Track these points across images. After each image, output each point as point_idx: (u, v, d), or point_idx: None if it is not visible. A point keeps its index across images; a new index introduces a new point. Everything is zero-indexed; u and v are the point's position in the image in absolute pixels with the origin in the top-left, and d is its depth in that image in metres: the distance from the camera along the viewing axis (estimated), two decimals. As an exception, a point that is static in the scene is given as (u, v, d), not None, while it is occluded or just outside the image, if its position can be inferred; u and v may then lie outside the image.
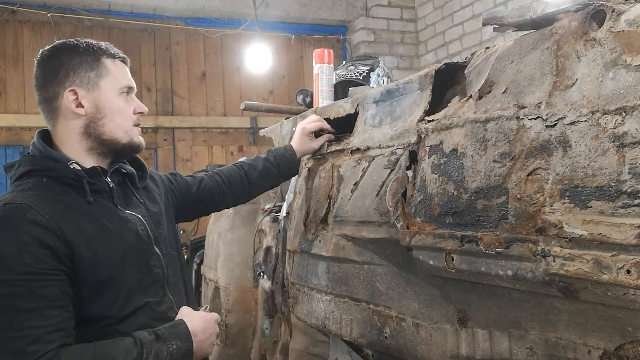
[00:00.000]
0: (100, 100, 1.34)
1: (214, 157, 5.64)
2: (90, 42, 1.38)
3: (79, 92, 1.33)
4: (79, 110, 1.33)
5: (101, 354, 1.20)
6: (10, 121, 4.97)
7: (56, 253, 1.19)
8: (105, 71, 1.35)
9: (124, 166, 1.44)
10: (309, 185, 1.97)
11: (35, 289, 1.16)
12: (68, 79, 1.33)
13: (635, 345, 1.01)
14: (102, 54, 1.37)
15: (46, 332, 1.15)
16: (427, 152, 1.39)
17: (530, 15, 1.20)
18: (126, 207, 1.38)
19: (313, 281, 1.93)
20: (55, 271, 1.19)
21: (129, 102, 1.40)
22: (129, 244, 1.33)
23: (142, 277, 1.34)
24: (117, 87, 1.37)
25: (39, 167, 1.30)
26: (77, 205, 1.28)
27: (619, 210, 0.95)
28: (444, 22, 5.55)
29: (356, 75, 2.40)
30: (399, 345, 1.55)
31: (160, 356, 1.24)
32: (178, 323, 1.34)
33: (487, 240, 1.18)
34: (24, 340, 1.13)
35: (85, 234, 1.25)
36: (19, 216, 1.19)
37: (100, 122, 1.34)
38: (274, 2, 5.58)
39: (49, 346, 1.14)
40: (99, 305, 1.26)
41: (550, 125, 1.08)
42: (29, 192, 1.24)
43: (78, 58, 1.35)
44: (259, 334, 2.81)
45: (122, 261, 1.30)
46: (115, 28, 5.26)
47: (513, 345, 1.23)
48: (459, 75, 1.49)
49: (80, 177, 1.29)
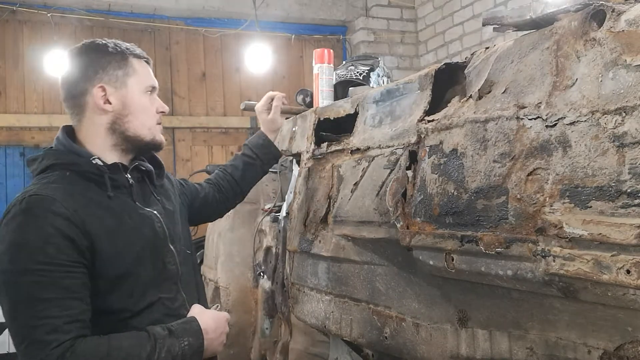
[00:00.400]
0: (127, 98, 1.39)
1: (214, 157, 5.63)
2: (118, 42, 1.43)
3: (107, 89, 1.37)
4: (106, 106, 1.37)
5: (116, 346, 1.22)
6: (10, 121, 4.96)
7: (78, 245, 1.23)
8: (132, 70, 1.40)
9: (143, 164, 1.47)
10: (309, 185, 1.97)
11: (57, 279, 1.19)
12: (97, 76, 1.37)
13: (635, 345, 1.01)
14: (130, 53, 1.41)
15: (64, 322, 1.18)
16: (427, 152, 1.39)
17: (530, 15, 1.20)
18: (144, 203, 1.41)
19: (313, 281, 1.93)
20: (76, 263, 1.22)
21: (152, 101, 1.44)
22: (147, 239, 1.36)
23: (157, 273, 1.37)
24: (143, 86, 1.41)
25: (63, 161, 1.33)
26: (98, 199, 1.31)
27: (619, 210, 0.95)
28: (444, 22, 5.55)
29: (356, 75, 2.40)
30: (399, 345, 1.55)
31: (172, 351, 1.27)
32: (190, 320, 1.36)
33: (487, 240, 1.18)
34: (43, 329, 1.16)
35: (105, 227, 1.28)
36: (43, 208, 1.22)
37: (125, 119, 1.38)
38: (274, 2, 5.57)
39: (66, 336, 1.17)
40: (116, 299, 1.29)
41: (550, 125, 1.08)
42: (53, 185, 1.28)
43: (107, 57, 1.39)
44: (259, 334, 2.81)
45: (140, 256, 1.33)
46: (115, 28, 5.26)
47: (513, 345, 1.23)
48: (459, 75, 1.49)
49: (102, 172, 1.33)
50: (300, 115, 2.21)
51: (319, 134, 2.03)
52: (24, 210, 1.23)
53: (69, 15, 5.11)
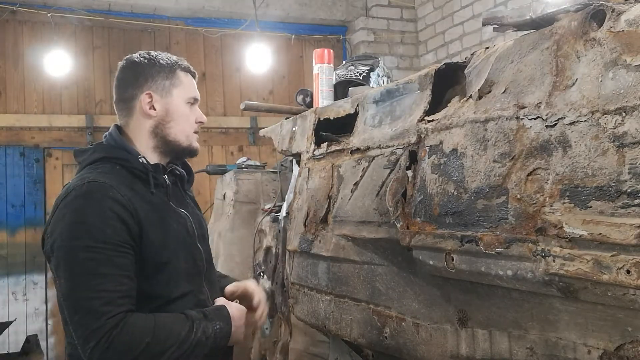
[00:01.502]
0: (171, 106, 1.52)
1: (214, 157, 5.63)
2: (169, 55, 1.57)
3: (154, 96, 1.51)
4: (151, 112, 1.50)
5: (161, 322, 1.34)
6: (10, 121, 4.96)
7: (130, 230, 1.36)
8: (178, 82, 1.54)
9: (178, 168, 1.61)
10: (309, 185, 1.97)
11: (113, 257, 1.32)
12: (147, 84, 1.51)
13: (635, 345, 1.01)
14: (178, 67, 1.55)
15: (118, 296, 1.30)
16: (427, 152, 1.39)
17: (530, 15, 1.20)
18: (177, 204, 1.54)
19: (313, 281, 1.93)
20: (128, 245, 1.35)
21: (193, 111, 1.56)
22: (181, 235, 1.49)
23: (189, 267, 1.49)
24: (186, 97, 1.54)
25: (113, 156, 1.47)
26: (143, 194, 1.44)
27: (619, 210, 0.95)
28: (444, 22, 5.55)
29: (356, 75, 2.40)
30: (399, 345, 1.55)
31: (206, 332, 1.39)
32: (221, 307, 1.48)
33: (487, 240, 1.18)
34: (99, 301, 1.28)
35: (151, 218, 1.41)
36: (102, 192, 1.36)
37: (167, 125, 1.52)
38: (274, 2, 5.57)
39: (119, 309, 1.29)
40: (156, 284, 1.41)
41: (550, 125, 1.08)
42: (108, 175, 1.41)
43: (157, 67, 1.52)
44: (259, 334, 2.81)
45: (177, 249, 1.46)
46: (115, 28, 5.25)
47: (513, 345, 1.23)
48: (459, 75, 1.49)
49: (147, 170, 1.47)
50: (300, 115, 2.21)
51: (319, 134, 2.03)
52: (85, 194, 1.35)
53: (69, 15, 5.10)
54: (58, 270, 1.34)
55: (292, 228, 2.06)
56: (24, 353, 4.53)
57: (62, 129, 5.10)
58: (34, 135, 5.03)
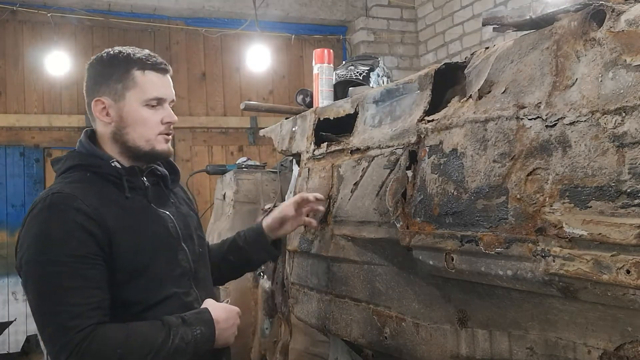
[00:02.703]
0: (123, 111, 1.43)
1: (214, 157, 5.63)
2: (126, 54, 1.46)
3: (106, 102, 1.44)
4: (106, 118, 1.45)
5: (133, 332, 1.31)
6: (10, 121, 4.96)
7: (97, 240, 1.32)
8: (132, 83, 1.43)
9: (158, 168, 1.54)
10: (309, 185, 1.97)
11: (79, 270, 1.29)
12: (100, 89, 1.45)
13: (635, 345, 1.01)
14: (134, 65, 1.44)
15: (87, 309, 1.27)
16: (427, 152, 1.39)
17: (530, 15, 1.20)
18: (158, 205, 1.49)
19: (313, 281, 1.93)
20: (96, 256, 1.31)
21: (158, 112, 1.46)
22: (161, 237, 1.44)
23: (171, 269, 1.44)
24: (142, 99, 1.44)
25: (84, 163, 1.43)
26: (116, 199, 1.40)
27: (619, 210, 0.95)
28: (444, 22, 5.55)
29: (356, 75, 2.40)
30: (399, 345, 1.55)
31: (185, 339, 1.34)
32: (203, 311, 1.43)
33: (487, 240, 1.18)
34: (66, 315, 1.26)
35: (123, 224, 1.37)
36: (66, 204, 1.32)
37: (124, 131, 1.44)
38: (274, 2, 5.57)
39: (87, 322, 1.26)
40: (133, 291, 1.37)
41: (550, 125, 1.08)
42: (74, 184, 1.38)
43: (110, 69, 1.44)
44: (259, 334, 2.81)
45: (154, 252, 1.41)
46: (115, 28, 5.26)
47: (513, 345, 1.23)
48: (458, 75, 1.49)
49: (120, 174, 1.42)
50: (300, 115, 2.21)
51: (319, 134, 2.03)
52: (48, 206, 1.32)
53: (69, 15, 5.10)
54: (26, 286, 1.32)
55: (292, 228, 2.06)
56: (24, 353, 4.54)
57: (62, 129, 5.11)
58: (34, 135, 5.03)
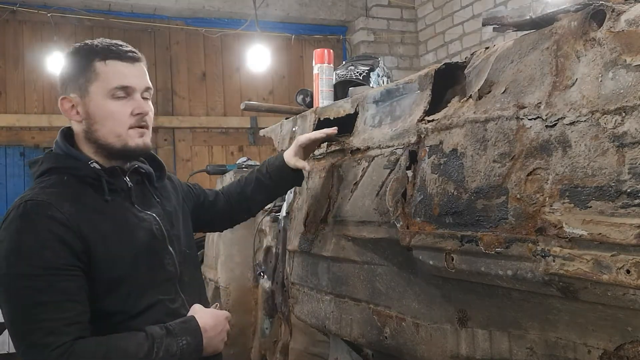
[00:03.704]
0: (90, 107, 1.34)
1: (214, 157, 5.63)
2: (88, 45, 1.36)
3: (73, 100, 1.35)
4: (76, 117, 1.36)
5: (114, 346, 1.23)
6: (10, 121, 4.96)
7: (74, 250, 1.23)
8: (94, 75, 1.33)
9: (142, 166, 1.46)
10: (309, 185, 1.97)
11: (54, 283, 1.20)
12: (66, 87, 1.36)
13: (635, 345, 1.01)
14: (95, 56, 1.34)
15: (62, 324, 1.19)
16: (427, 152, 1.39)
17: (530, 15, 1.20)
18: (143, 206, 1.41)
19: (313, 281, 1.93)
20: (72, 267, 1.23)
21: (128, 103, 1.35)
22: (143, 242, 1.35)
23: (155, 275, 1.37)
24: (106, 91, 1.33)
25: (61, 165, 1.33)
26: (94, 204, 1.31)
27: (619, 210, 0.95)
28: (444, 22, 5.55)
29: (356, 75, 2.39)
30: (399, 345, 1.55)
31: (171, 350, 1.27)
32: (189, 319, 1.36)
33: (487, 240, 1.18)
34: (41, 332, 1.17)
35: (100, 232, 1.28)
36: (39, 213, 1.23)
37: (93, 128, 1.34)
38: (274, 2, 5.57)
39: (64, 338, 1.18)
40: (113, 301, 1.29)
41: (550, 125, 1.08)
42: (49, 190, 1.28)
43: (73, 64, 1.36)
44: (259, 334, 2.81)
45: (135, 259, 1.33)
46: (115, 28, 5.26)
47: (513, 345, 1.23)
48: (458, 75, 1.49)
49: (99, 176, 1.33)
50: (300, 115, 2.21)
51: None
52: (20, 215, 1.23)
53: (69, 15, 5.11)
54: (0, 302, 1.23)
55: (292, 228, 2.06)
56: (24, 353, 4.52)
57: (62, 129, 5.11)
58: (34, 135, 5.04)
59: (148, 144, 1.40)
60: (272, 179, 1.79)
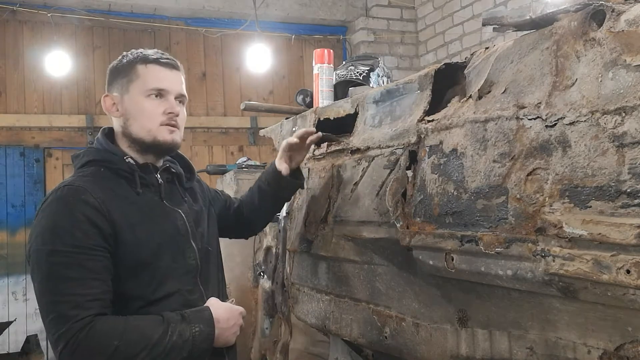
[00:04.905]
0: (127, 104, 1.49)
1: (214, 157, 5.63)
2: (134, 52, 1.53)
3: (115, 97, 1.51)
4: (115, 113, 1.51)
5: (131, 325, 1.32)
6: (10, 121, 4.96)
7: (103, 232, 1.35)
8: (135, 76, 1.49)
9: (173, 166, 1.58)
10: (309, 185, 1.97)
11: (82, 261, 1.31)
12: (110, 87, 1.53)
13: (635, 345, 1.01)
14: (137, 61, 1.50)
15: (86, 300, 1.29)
16: (427, 152, 1.39)
17: (530, 15, 1.20)
18: (171, 202, 1.52)
19: (313, 281, 1.93)
20: (100, 248, 1.34)
21: (161, 103, 1.49)
22: (168, 234, 1.46)
23: (177, 266, 1.46)
24: (144, 89, 1.48)
25: (99, 158, 1.47)
26: (126, 194, 1.44)
27: (619, 210, 0.95)
28: (444, 22, 5.55)
29: (356, 75, 2.39)
30: (399, 345, 1.55)
31: (184, 336, 1.35)
32: (203, 309, 1.44)
33: (487, 240, 1.18)
34: (66, 305, 1.28)
35: (129, 219, 1.40)
36: (75, 197, 1.36)
37: (128, 123, 1.49)
38: (274, 2, 5.57)
39: (87, 312, 1.28)
40: (134, 286, 1.39)
41: (549, 125, 1.08)
42: (86, 178, 1.42)
43: (119, 67, 1.52)
44: (259, 334, 2.81)
45: (159, 248, 1.43)
46: (115, 28, 5.26)
47: (513, 345, 1.23)
48: (458, 75, 1.49)
49: (133, 170, 1.46)
50: (300, 116, 2.21)
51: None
52: (58, 198, 1.37)
53: (69, 15, 5.10)
54: (32, 274, 1.35)
55: (292, 228, 2.06)
56: (24, 353, 4.54)
57: (62, 129, 5.11)
58: (34, 135, 5.04)
59: (177, 141, 1.52)
60: (270, 185, 1.86)
